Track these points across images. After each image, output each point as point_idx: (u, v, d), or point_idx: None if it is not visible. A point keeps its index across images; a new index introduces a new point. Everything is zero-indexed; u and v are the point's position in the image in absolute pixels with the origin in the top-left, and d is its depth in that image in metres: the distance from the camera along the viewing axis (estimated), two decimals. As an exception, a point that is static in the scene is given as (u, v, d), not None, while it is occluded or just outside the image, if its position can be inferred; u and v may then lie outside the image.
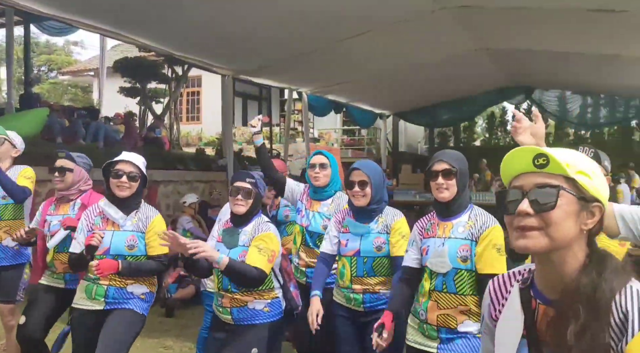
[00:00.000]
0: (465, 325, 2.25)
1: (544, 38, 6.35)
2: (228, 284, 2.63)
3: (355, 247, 2.73)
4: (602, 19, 4.92)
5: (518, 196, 1.09)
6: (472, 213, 2.34)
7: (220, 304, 2.69)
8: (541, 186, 1.07)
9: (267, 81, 7.92)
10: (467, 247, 2.26)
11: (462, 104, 11.72)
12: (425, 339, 2.34)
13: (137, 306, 2.83)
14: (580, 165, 1.09)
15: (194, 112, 16.25)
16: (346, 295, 2.78)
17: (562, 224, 1.05)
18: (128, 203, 2.84)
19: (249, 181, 2.69)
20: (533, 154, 1.08)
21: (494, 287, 1.27)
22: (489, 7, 5.42)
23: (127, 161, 2.82)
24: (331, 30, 5.82)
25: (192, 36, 5.76)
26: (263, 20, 5.24)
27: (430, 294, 2.31)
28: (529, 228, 1.06)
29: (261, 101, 16.43)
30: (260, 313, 2.68)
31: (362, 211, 2.75)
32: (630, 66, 6.83)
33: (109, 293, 2.78)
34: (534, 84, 11.01)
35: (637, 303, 1.01)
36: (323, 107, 9.14)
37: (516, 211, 1.07)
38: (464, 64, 7.89)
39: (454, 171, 2.30)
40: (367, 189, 2.69)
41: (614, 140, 15.79)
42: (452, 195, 2.31)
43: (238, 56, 6.50)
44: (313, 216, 3.31)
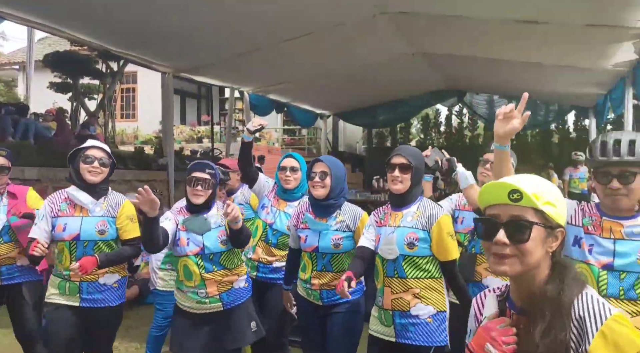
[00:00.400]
0: (417, 308, 2.41)
1: (475, 45, 6.72)
2: (212, 267, 2.71)
3: (314, 243, 2.82)
4: (527, 30, 5.29)
5: (495, 225, 1.25)
6: (421, 204, 2.51)
7: (204, 296, 2.72)
8: (515, 218, 1.23)
9: (208, 79, 7.85)
10: (415, 235, 2.41)
11: (399, 105, 12.09)
12: (384, 328, 2.48)
13: (112, 299, 2.88)
14: (546, 196, 1.25)
15: (129, 110, 15.75)
16: (306, 290, 2.89)
17: (533, 252, 1.23)
18: (97, 189, 2.85)
19: (209, 171, 2.74)
20: (509, 190, 1.23)
21: (476, 302, 1.43)
22: (426, 14, 5.68)
23: (98, 147, 2.86)
24: (274, 31, 5.89)
25: (132, 32, 5.65)
26: (205, 17, 5.22)
27: (384, 280, 2.47)
28: (506, 256, 1.23)
29: (200, 99, 16.19)
30: (243, 290, 2.85)
31: (320, 206, 2.82)
32: (550, 73, 7.34)
33: (83, 288, 2.80)
34: (466, 88, 11.53)
35: (591, 308, 1.19)
36: (264, 107, 9.16)
37: (494, 241, 1.23)
38: (401, 67, 8.19)
39: (410, 166, 2.46)
40: (327, 180, 2.77)
41: (536, 142, 16.81)
42: (406, 188, 2.47)
43: (179, 53, 6.42)
44: (279, 214, 3.34)
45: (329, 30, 5.99)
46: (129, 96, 15.63)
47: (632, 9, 4.03)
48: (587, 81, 7.29)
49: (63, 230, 2.79)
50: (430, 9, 5.50)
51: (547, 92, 9.80)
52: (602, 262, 1.95)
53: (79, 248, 2.80)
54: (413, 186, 2.49)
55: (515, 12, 4.92)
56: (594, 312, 1.19)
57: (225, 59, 6.63)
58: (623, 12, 4.16)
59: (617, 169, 1.91)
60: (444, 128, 18.45)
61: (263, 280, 3.31)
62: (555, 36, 5.43)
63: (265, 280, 3.31)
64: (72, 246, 2.81)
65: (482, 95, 12.62)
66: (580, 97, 9.02)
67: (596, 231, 1.98)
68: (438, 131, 18.49)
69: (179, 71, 7.04)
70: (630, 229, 1.93)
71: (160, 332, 3.73)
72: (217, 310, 2.74)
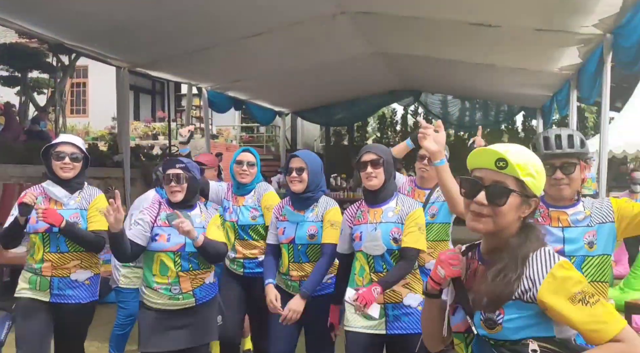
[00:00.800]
0: (409, 298, 2.51)
1: (431, 46, 6.92)
2: (189, 265, 2.70)
3: (291, 235, 2.88)
4: (481, 32, 5.49)
5: (477, 186, 1.39)
6: (399, 199, 2.61)
7: (178, 292, 2.70)
8: (497, 183, 1.37)
9: (166, 75, 7.71)
10: (398, 230, 2.51)
11: (357, 104, 12.25)
12: (371, 322, 2.49)
13: (83, 296, 2.85)
14: (529, 168, 1.38)
15: (79, 105, 15.23)
16: (285, 281, 2.93)
17: (506, 215, 1.37)
18: (72, 184, 2.84)
19: (179, 166, 2.74)
20: (496, 157, 1.36)
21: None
22: (385, 14, 5.80)
23: (68, 142, 2.83)
24: (234, 27, 5.86)
25: (87, 24, 5.46)
26: (165, 11, 5.12)
27: (372, 276, 2.51)
28: (483, 215, 1.38)
29: (155, 95, 15.84)
30: (213, 285, 2.88)
31: (299, 199, 2.89)
32: (502, 75, 7.64)
33: (54, 284, 2.78)
34: (422, 87, 11.82)
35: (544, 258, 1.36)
36: (223, 104, 9.06)
37: (474, 200, 1.38)
38: (360, 66, 8.31)
39: (381, 160, 2.53)
40: (303, 175, 2.83)
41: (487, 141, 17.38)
42: (381, 183, 2.54)
43: (136, 47, 6.27)
44: (240, 210, 3.37)
45: (290, 28, 6.02)
46: (80, 90, 15.10)
47: (578, 16, 4.27)
48: (536, 83, 7.63)
49: (37, 222, 2.76)
50: (389, 10, 5.62)
51: (498, 93, 10.19)
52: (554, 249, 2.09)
53: (52, 240, 2.79)
54: (387, 180, 2.57)
55: (471, 15, 5.11)
56: (545, 260, 1.35)
57: (183, 54, 6.53)
58: (570, 18, 4.40)
59: (559, 161, 2.06)
60: (399, 127, 18.77)
61: (251, 275, 3.32)
62: (507, 39, 5.67)
63: (253, 275, 3.31)
64: (45, 238, 2.80)
65: (436, 95, 12.97)
66: (529, 99, 9.42)
67: (545, 222, 2.13)
68: (394, 130, 18.80)
69: (136, 66, 6.87)
70: (575, 216, 2.10)
71: (123, 330, 3.67)
72: (189, 306, 2.74)
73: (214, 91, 8.60)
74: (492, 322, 1.35)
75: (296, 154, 2.93)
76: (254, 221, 3.34)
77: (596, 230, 2.10)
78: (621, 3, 3.74)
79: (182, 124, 13.40)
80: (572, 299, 1.29)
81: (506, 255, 1.37)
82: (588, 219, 2.11)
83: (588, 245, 2.10)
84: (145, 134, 12.87)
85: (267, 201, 3.34)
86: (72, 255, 2.84)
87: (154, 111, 16.29)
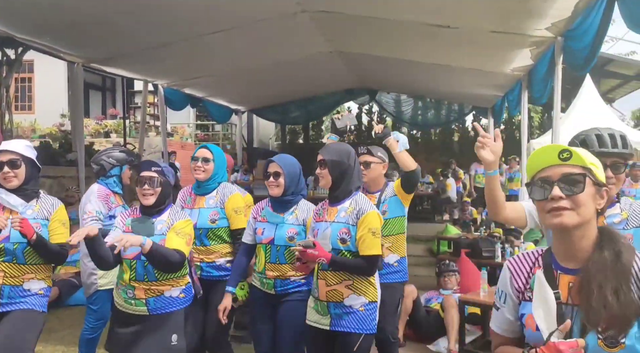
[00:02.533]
0: (350, 298, 2.53)
1: (389, 46, 7.05)
2: (144, 274, 2.61)
3: (270, 235, 2.88)
4: (439, 34, 5.65)
5: (546, 185, 1.35)
6: (354, 199, 2.61)
7: (131, 296, 2.64)
8: (568, 174, 1.33)
9: (121, 71, 7.51)
10: (347, 230, 2.53)
11: (313, 102, 12.32)
12: (319, 317, 2.60)
13: (35, 304, 2.70)
14: (590, 158, 1.37)
15: (24, 101, 14.54)
16: (260, 279, 2.93)
17: (587, 204, 1.33)
18: (25, 192, 2.70)
19: (155, 169, 2.67)
20: (558, 150, 1.35)
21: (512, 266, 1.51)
22: (345, 13, 5.87)
23: (3, 150, 2.65)
24: (193, 24, 5.78)
25: (39, 18, 5.26)
26: (121, 6, 5.00)
27: (319, 273, 2.58)
28: (563, 209, 1.32)
29: (105, 91, 15.34)
30: (176, 299, 2.72)
31: (278, 202, 2.91)
32: (456, 75, 7.89)
33: (4, 293, 2.62)
34: (377, 86, 12.00)
35: None
36: (179, 101, 8.92)
37: (550, 196, 1.33)
38: (318, 65, 8.37)
39: (325, 161, 2.59)
40: (280, 179, 2.85)
41: (439, 140, 17.88)
42: (328, 183, 2.61)
43: (91, 43, 6.08)
44: (199, 213, 3.25)
45: (249, 26, 5.99)
46: (25, 86, 14.42)
47: (532, 19, 4.48)
48: (489, 84, 7.93)
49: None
50: (350, 10, 5.70)
51: (451, 93, 10.51)
52: None
53: (7, 251, 2.63)
54: (336, 180, 2.60)
55: (430, 16, 5.26)
56: None
57: (141, 50, 6.39)
58: (525, 21, 4.61)
59: (610, 160, 2.00)
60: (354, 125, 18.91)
61: (206, 278, 3.23)
62: (464, 40, 5.86)
63: (209, 278, 3.23)
64: (1, 250, 2.63)
65: (391, 94, 13.22)
66: (481, 99, 9.76)
67: None
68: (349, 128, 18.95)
69: (90, 61, 6.67)
70: (611, 219, 2.09)
71: (94, 333, 3.54)
72: (142, 314, 2.65)
73: (171, 88, 8.46)
74: (614, 341, 1.28)
75: (273, 159, 2.92)
76: (214, 224, 3.22)
77: (632, 234, 2.03)
78: (573, 7, 3.96)
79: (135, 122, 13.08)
80: None
81: (608, 268, 1.30)
82: (624, 222, 2.06)
83: None
84: (97, 132, 12.45)
85: (233, 204, 3.25)
86: (28, 267, 2.70)
87: (105, 108, 15.77)
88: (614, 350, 1.28)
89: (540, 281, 1.37)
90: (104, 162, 3.56)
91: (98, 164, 3.58)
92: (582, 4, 3.84)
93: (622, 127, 11.29)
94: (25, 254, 2.67)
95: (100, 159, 3.58)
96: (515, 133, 16.45)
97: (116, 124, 12.90)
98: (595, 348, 1.29)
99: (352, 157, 2.67)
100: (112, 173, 3.54)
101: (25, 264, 2.69)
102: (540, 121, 17.43)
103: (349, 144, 2.84)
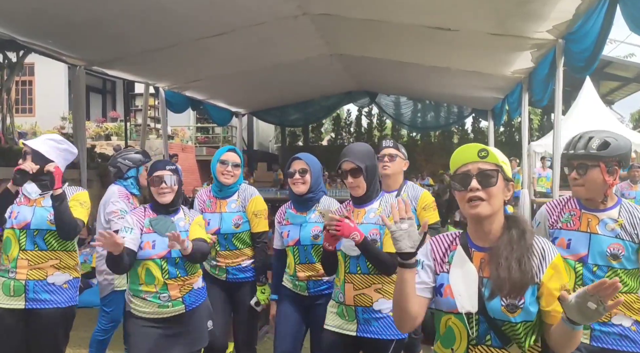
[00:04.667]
0: (380, 303, 2.43)
1: (389, 48, 7.08)
2: (176, 271, 2.64)
3: (295, 237, 2.86)
4: (439, 36, 5.67)
5: (467, 178, 1.59)
6: (383, 200, 2.54)
7: (167, 299, 2.61)
8: (484, 169, 1.59)
9: (123, 73, 7.51)
10: (377, 231, 2.44)
11: (312, 105, 12.33)
12: (343, 322, 2.49)
13: (61, 301, 2.74)
14: (502, 157, 1.63)
15: (25, 104, 14.55)
16: (292, 281, 2.91)
17: (498, 196, 1.59)
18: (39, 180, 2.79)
19: (169, 168, 2.70)
20: (478, 149, 1.61)
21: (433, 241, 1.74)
22: (346, 16, 5.89)
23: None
24: (195, 27, 5.79)
25: (42, 21, 5.27)
26: (123, 9, 5.01)
27: (346, 276, 2.46)
28: (478, 199, 1.57)
29: (106, 94, 15.35)
30: (202, 290, 2.82)
31: (300, 201, 2.88)
32: (456, 77, 7.90)
33: (29, 288, 2.67)
34: (378, 89, 12.02)
35: (546, 247, 1.60)
36: (180, 104, 8.91)
37: (469, 188, 1.57)
38: (318, 67, 8.38)
39: (361, 168, 2.44)
40: (306, 176, 2.83)
41: (438, 142, 17.94)
42: (363, 191, 2.49)
43: (93, 45, 6.09)
44: (221, 218, 3.20)
45: (250, 29, 6.00)
46: (26, 89, 14.43)
47: (533, 22, 4.50)
48: (489, 86, 7.94)
49: (16, 217, 2.77)
50: (351, 13, 5.72)
51: (451, 95, 10.52)
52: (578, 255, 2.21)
53: (28, 236, 2.75)
54: (369, 185, 2.50)
55: (430, 18, 5.28)
56: (548, 251, 1.59)
57: (142, 53, 6.39)
58: (525, 24, 4.63)
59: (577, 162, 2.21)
60: (354, 128, 19.02)
61: (234, 280, 3.22)
62: (463, 43, 5.88)
63: (237, 280, 3.22)
64: (22, 235, 2.76)
65: (391, 96, 13.25)
66: (481, 101, 9.77)
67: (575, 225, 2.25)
68: (348, 131, 19.06)
69: (92, 64, 6.67)
70: (604, 224, 2.17)
71: (105, 335, 3.54)
72: (179, 313, 2.66)
73: (171, 90, 8.47)
74: (514, 306, 1.53)
75: (298, 156, 2.91)
76: (238, 229, 3.18)
77: (622, 245, 2.08)
78: (574, 10, 3.97)
79: (135, 124, 13.10)
80: (562, 288, 1.53)
81: (514, 245, 1.56)
82: (617, 231, 2.11)
83: (612, 257, 2.09)
84: (98, 135, 12.46)
85: (254, 207, 3.21)
86: (49, 253, 2.78)
87: (105, 110, 15.79)
88: (515, 315, 1.53)
89: (461, 257, 1.63)
90: (120, 164, 3.59)
91: (115, 166, 3.61)
92: (583, 6, 3.85)
93: (621, 129, 11.32)
94: (45, 240, 2.77)
95: (116, 162, 3.62)
96: (514, 135, 16.46)
97: (117, 127, 12.91)
98: (498, 313, 1.54)
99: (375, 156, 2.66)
100: (129, 175, 3.58)
101: (47, 250, 2.77)
102: (540, 123, 17.46)
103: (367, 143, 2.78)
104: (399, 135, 18.57)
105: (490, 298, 1.55)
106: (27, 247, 2.74)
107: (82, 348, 4.01)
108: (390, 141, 3.41)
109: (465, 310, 1.57)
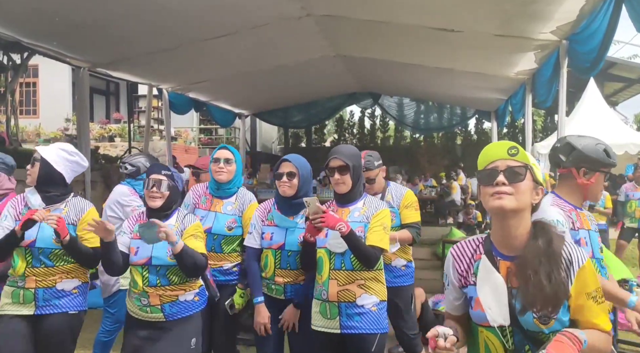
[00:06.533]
0: (363, 298, 2.49)
1: (393, 50, 7.07)
2: (156, 279, 2.58)
3: (280, 241, 2.79)
4: (443, 37, 5.67)
5: (494, 173, 1.54)
6: (366, 200, 2.62)
7: (146, 304, 2.60)
8: (512, 166, 1.54)
9: (126, 75, 7.53)
10: (362, 228, 2.52)
11: (315, 106, 12.33)
12: (327, 321, 2.52)
13: (70, 306, 2.71)
14: (532, 159, 1.58)
15: (29, 105, 14.60)
16: (268, 285, 2.87)
17: (525, 193, 1.53)
18: (44, 191, 2.73)
19: (165, 173, 2.66)
20: (508, 146, 1.56)
21: (455, 252, 1.69)
22: (349, 17, 5.89)
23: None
24: (198, 29, 5.80)
25: (45, 23, 5.28)
26: (127, 10, 5.02)
27: (330, 273, 2.51)
28: (503, 193, 1.51)
29: (109, 95, 15.39)
30: (192, 303, 2.70)
31: (287, 204, 2.82)
32: (459, 79, 7.89)
33: (38, 296, 2.64)
34: (381, 90, 12.02)
35: (577, 252, 1.53)
36: (183, 105, 8.93)
37: (495, 182, 1.52)
38: (321, 68, 8.39)
39: (348, 166, 2.53)
40: (294, 180, 2.78)
41: (441, 143, 17.89)
42: (349, 188, 2.55)
43: (97, 47, 6.11)
44: (215, 217, 3.16)
45: (254, 30, 6.00)
46: (30, 90, 14.48)
47: (536, 22, 4.49)
48: (492, 87, 7.93)
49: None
50: (355, 14, 5.72)
51: (454, 96, 10.50)
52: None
53: (34, 255, 2.67)
54: (354, 184, 2.57)
55: (434, 20, 5.27)
56: (576, 257, 1.53)
57: (146, 55, 6.41)
58: (529, 25, 4.61)
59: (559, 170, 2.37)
60: (357, 129, 18.99)
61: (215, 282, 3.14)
62: (467, 44, 5.87)
63: (216, 281, 3.14)
64: (28, 253, 2.67)
65: (394, 97, 13.25)
66: (484, 102, 9.75)
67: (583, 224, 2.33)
68: (351, 132, 19.04)
69: (96, 66, 6.69)
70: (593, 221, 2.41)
71: (110, 336, 3.54)
72: (159, 320, 2.63)
73: (175, 92, 8.48)
74: (547, 318, 1.49)
75: (287, 158, 2.86)
76: (230, 232, 3.13)
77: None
78: (578, 11, 3.96)
79: (139, 126, 13.11)
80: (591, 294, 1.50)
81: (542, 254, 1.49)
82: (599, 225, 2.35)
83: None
84: (101, 136, 12.49)
85: (251, 214, 3.12)
86: (56, 269, 2.72)
87: (109, 112, 15.84)
88: (548, 326, 1.49)
89: (487, 267, 1.57)
90: (141, 164, 3.59)
91: (134, 166, 3.61)
92: (587, 7, 3.84)
93: (625, 130, 11.28)
94: (51, 258, 2.68)
95: (137, 162, 3.61)
96: (518, 136, 16.40)
97: (120, 129, 12.94)
98: (531, 325, 1.50)
99: (361, 158, 2.69)
100: (143, 176, 3.56)
101: (54, 266, 2.70)
102: (543, 124, 17.41)
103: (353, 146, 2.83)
104: (402, 136, 18.55)
105: (522, 312, 1.50)
106: (34, 264, 2.67)
107: (87, 349, 4.00)
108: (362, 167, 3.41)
109: (497, 323, 1.52)
